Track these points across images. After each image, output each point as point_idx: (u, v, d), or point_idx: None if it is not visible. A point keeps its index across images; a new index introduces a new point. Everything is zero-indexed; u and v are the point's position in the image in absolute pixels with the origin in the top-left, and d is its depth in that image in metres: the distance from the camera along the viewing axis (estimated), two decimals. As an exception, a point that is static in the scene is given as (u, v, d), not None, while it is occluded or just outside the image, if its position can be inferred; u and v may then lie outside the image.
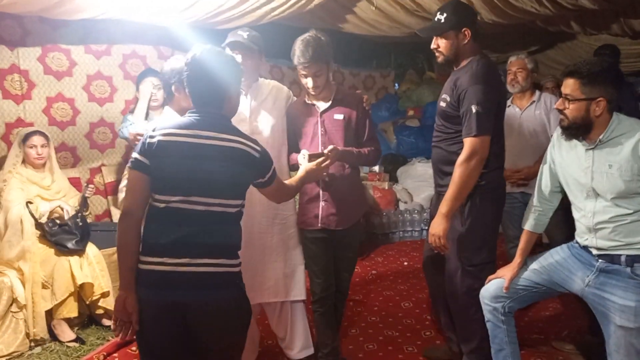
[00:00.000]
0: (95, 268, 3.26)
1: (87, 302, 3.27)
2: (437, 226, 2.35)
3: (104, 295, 3.28)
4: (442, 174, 2.51)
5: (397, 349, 3.06)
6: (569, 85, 1.95)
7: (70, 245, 3.18)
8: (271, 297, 2.64)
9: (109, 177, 4.17)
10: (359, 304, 3.75)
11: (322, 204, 2.58)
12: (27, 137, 3.24)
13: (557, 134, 2.17)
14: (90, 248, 3.32)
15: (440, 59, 2.43)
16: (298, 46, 2.42)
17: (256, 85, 2.59)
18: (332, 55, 2.51)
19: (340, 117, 2.54)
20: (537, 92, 3.40)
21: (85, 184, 3.44)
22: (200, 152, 1.74)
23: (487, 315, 2.26)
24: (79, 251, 3.24)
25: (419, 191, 5.69)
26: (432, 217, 2.57)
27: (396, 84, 7.25)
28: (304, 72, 2.46)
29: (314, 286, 2.66)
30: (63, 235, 3.20)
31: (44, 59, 3.79)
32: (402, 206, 5.60)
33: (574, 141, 2.05)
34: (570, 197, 2.13)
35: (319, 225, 2.58)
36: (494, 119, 2.32)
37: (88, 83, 4.04)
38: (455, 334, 2.65)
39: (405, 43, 6.12)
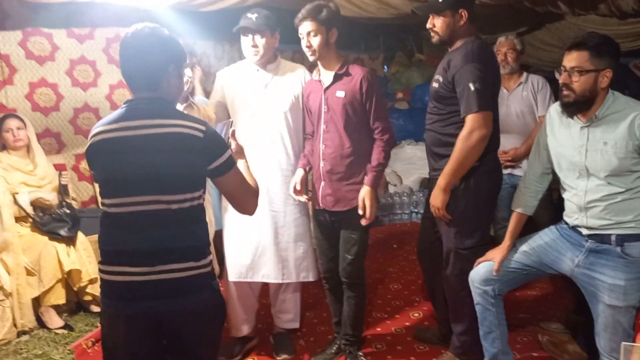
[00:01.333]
0: (82, 254, 3.24)
1: (75, 289, 3.26)
2: (436, 198, 2.38)
3: (92, 281, 3.26)
4: (436, 157, 2.48)
5: (386, 330, 3.08)
6: (577, 58, 1.93)
7: (63, 232, 3.17)
8: (279, 277, 2.71)
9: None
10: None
11: (322, 183, 2.60)
12: (1, 122, 3.22)
13: (550, 114, 2.17)
14: (77, 234, 3.29)
15: (434, 39, 2.40)
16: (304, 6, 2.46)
17: (273, 64, 2.64)
18: (336, 23, 2.50)
19: (341, 94, 2.50)
20: (525, 74, 3.39)
21: (59, 172, 3.40)
22: (132, 145, 1.54)
23: (477, 299, 2.26)
24: (72, 238, 3.22)
25: (408, 174, 5.70)
26: (428, 201, 2.56)
27: (385, 67, 7.21)
28: (300, 31, 2.48)
29: (319, 265, 2.79)
30: (55, 223, 3.19)
31: (26, 44, 3.72)
32: (391, 189, 5.61)
33: (568, 120, 2.05)
34: (561, 177, 2.12)
35: (321, 205, 2.62)
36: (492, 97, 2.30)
37: (71, 68, 3.98)
38: (448, 319, 2.66)
39: (394, 25, 6.06)
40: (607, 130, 1.93)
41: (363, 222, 2.51)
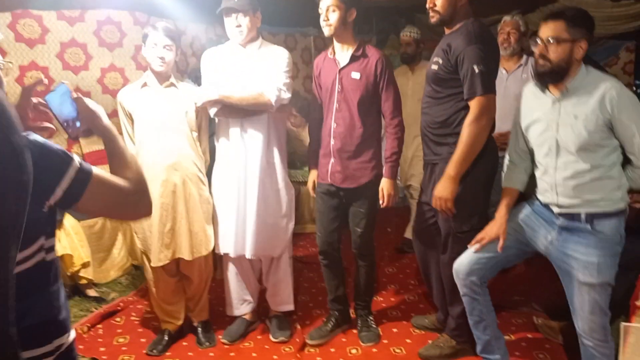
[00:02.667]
0: (73, 239, 3.22)
1: (69, 274, 3.24)
2: (445, 189, 2.32)
3: (85, 265, 3.25)
4: (434, 143, 2.47)
5: (381, 313, 3.10)
6: (554, 28, 1.93)
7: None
8: (258, 252, 2.75)
9: (87, 148, 4.08)
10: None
11: (332, 160, 2.65)
12: None
13: (526, 89, 2.17)
14: (67, 219, 3.26)
15: (434, 19, 2.36)
16: None
17: (255, 43, 2.65)
18: (356, 3, 2.54)
19: (357, 75, 2.56)
20: (525, 56, 3.37)
21: None
22: None
23: (463, 290, 2.26)
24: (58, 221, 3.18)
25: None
26: (426, 186, 2.56)
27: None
28: (320, 6, 2.52)
29: (317, 239, 2.85)
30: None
31: (15, 26, 3.65)
32: (384, 173, 5.60)
33: (541, 95, 2.05)
34: (534, 154, 2.12)
35: (328, 180, 2.68)
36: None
37: (62, 51, 3.91)
38: (445, 306, 2.68)
39: (387, 8, 6.01)
40: (578, 104, 1.93)
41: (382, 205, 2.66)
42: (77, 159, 1.09)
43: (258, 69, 2.61)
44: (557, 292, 2.86)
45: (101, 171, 1.16)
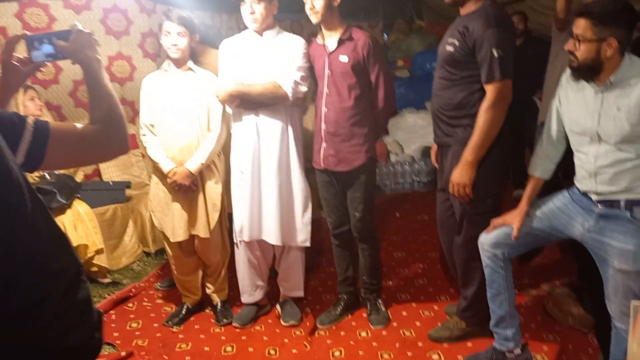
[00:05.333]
0: (88, 225, 3.25)
1: (82, 261, 3.27)
2: (463, 175, 2.32)
3: (98, 252, 3.28)
4: (447, 125, 2.44)
5: (390, 297, 3.12)
6: (580, 26, 1.89)
7: (54, 204, 3.14)
8: (277, 240, 2.75)
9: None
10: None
11: (323, 144, 2.67)
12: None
13: (565, 75, 2.14)
14: (81, 206, 3.30)
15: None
16: None
17: (271, 31, 2.66)
18: None
19: (345, 59, 2.57)
20: None
21: None
22: None
23: (486, 261, 2.27)
24: (65, 205, 3.20)
25: (410, 143, 5.69)
26: (441, 171, 2.56)
27: (385, 35, 7.12)
28: None
29: (328, 223, 2.90)
30: (44, 197, 3.17)
31: (22, 15, 3.66)
32: (392, 158, 5.61)
33: (583, 84, 2.02)
34: (572, 142, 2.10)
35: (322, 164, 2.70)
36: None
37: (69, 39, 3.92)
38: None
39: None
40: (622, 96, 1.90)
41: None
42: (30, 119, 1.08)
43: (275, 59, 2.62)
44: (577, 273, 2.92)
45: (58, 123, 1.13)
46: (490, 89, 2.24)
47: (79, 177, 3.55)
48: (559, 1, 3.11)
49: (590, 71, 1.92)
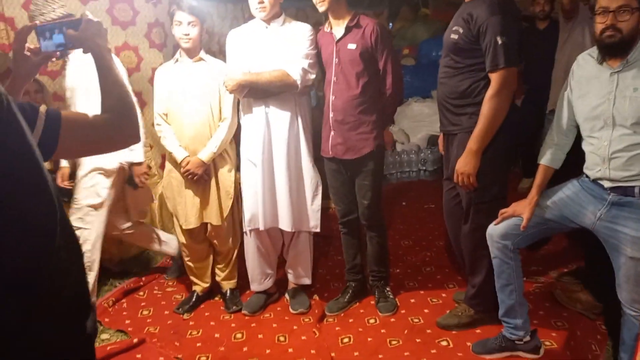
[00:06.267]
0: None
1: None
2: (467, 164, 2.32)
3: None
4: (452, 114, 2.45)
5: (398, 284, 3.13)
6: None
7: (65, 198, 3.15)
8: (290, 226, 2.78)
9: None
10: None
11: (332, 133, 2.67)
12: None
13: (577, 62, 2.13)
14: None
15: None
16: None
17: (278, 20, 2.66)
18: None
19: (353, 46, 2.57)
20: None
21: None
22: None
23: (495, 252, 2.27)
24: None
25: (416, 131, 5.67)
26: (447, 159, 2.56)
27: (390, 23, 7.08)
28: None
29: (337, 212, 2.93)
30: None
31: (29, 5, 3.65)
32: (398, 147, 5.60)
33: (595, 68, 2.01)
34: (584, 129, 2.08)
35: (330, 153, 2.71)
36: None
37: (75, 30, 3.92)
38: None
39: (399, -21, 5.93)
40: (638, 76, 1.89)
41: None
42: (42, 108, 1.09)
43: (282, 47, 2.62)
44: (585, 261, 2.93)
45: (70, 112, 1.15)
46: (494, 77, 2.24)
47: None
48: None
49: (628, 44, 1.90)
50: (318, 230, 2.86)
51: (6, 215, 0.79)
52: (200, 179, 2.74)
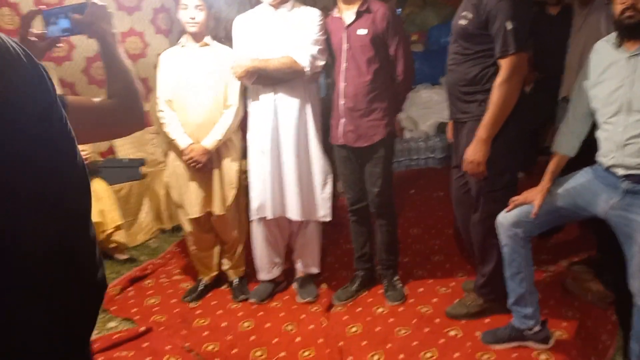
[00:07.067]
0: (105, 202, 3.28)
1: (100, 238, 3.31)
2: (477, 152, 2.28)
3: (118, 228, 3.31)
4: (461, 101, 2.40)
5: (407, 273, 3.11)
6: None
7: None
8: (299, 215, 2.76)
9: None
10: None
11: (342, 120, 2.64)
12: None
13: (594, 50, 2.08)
14: (99, 184, 3.31)
15: None
16: None
17: (286, 5, 2.62)
18: None
19: (364, 32, 2.52)
20: None
21: None
22: None
23: (505, 240, 2.23)
24: None
25: (425, 119, 5.61)
26: (456, 147, 2.52)
27: (399, 9, 6.99)
28: None
29: (346, 199, 2.90)
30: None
31: (34, -9, 3.63)
32: (407, 134, 5.55)
33: (613, 52, 1.97)
34: (599, 114, 2.04)
35: (341, 140, 2.68)
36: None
37: (81, 16, 3.89)
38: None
39: (408, -37, 5.84)
40: None
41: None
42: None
43: (290, 33, 2.58)
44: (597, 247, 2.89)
45: (75, 97, 1.16)
46: (504, 63, 2.19)
47: (95, 156, 3.56)
48: None
49: None
50: (328, 219, 2.84)
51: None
52: (203, 167, 2.70)
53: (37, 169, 0.78)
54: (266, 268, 2.94)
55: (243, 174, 2.91)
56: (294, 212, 2.74)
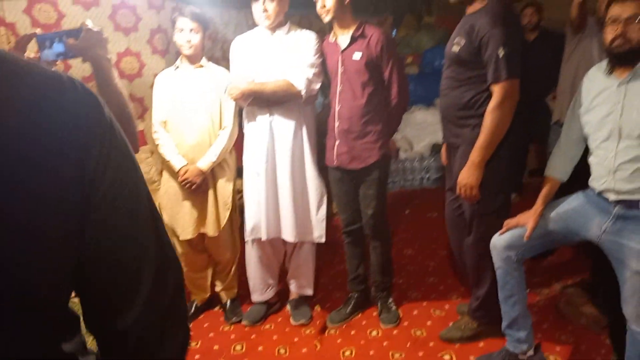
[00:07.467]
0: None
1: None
2: (470, 176, 2.30)
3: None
4: (454, 126, 2.42)
5: (401, 295, 3.10)
6: (636, 6, 1.86)
7: None
8: (294, 237, 2.75)
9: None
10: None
11: (337, 142, 2.66)
12: None
13: (587, 76, 2.11)
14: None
15: None
16: None
17: (283, 28, 2.63)
18: None
19: (358, 56, 2.55)
20: None
21: None
22: None
23: (499, 263, 2.24)
24: None
25: (419, 139, 5.64)
26: (450, 170, 2.53)
27: (394, 30, 7.06)
28: None
29: (341, 221, 2.90)
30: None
31: (31, 11, 3.64)
32: (402, 155, 5.57)
33: (604, 79, 2.00)
34: (591, 140, 2.06)
35: (335, 162, 2.69)
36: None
37: (78, 36, 3.91)
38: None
39: (403, -13, 5.92)
40: None
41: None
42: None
43: (287, 56, 2.60)
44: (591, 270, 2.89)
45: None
46: (496, 89, 2.22)
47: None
48: (573, 6, 3.03)
49: (637, 55, 1.89)
50: (323, 240, 2.83)
51: None
52: (198, 189, 2.70)
53: None
54: (259, 289, 2.92)
55: (238, 194, 2.91)
56: (288, 234, 2.73)
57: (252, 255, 2.87)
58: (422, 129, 5.65)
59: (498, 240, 2.24)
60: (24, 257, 0.59)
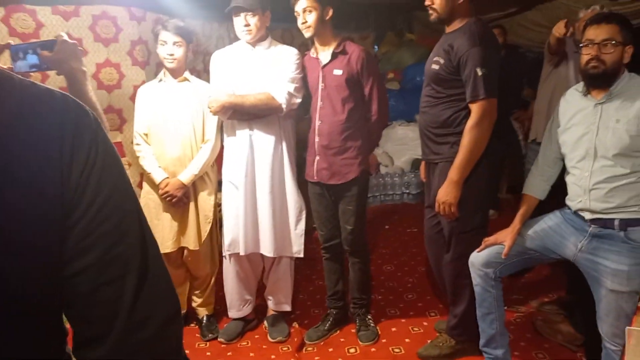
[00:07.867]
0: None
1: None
2: (448, 194, 2.31)
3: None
4: (433, 143, 2.44)
5: (380, 311, 3.08)
6: (609, 30, 1.92)
7: None
8: (272, 252, 2.72)
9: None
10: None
11: (317, 157, 2.65)
12: None
13: (564, 97, 2.15)
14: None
15: (432, 16, 2.33)
16: None
17: (264, 43, 2.63)
18: (331, 1, 2.53)
19: (339, 72, 2.56)
20: None
21: None
22: None
23: (477, 280, 2.25)
24: None
25: (400, 154, 5.67)
26: (429, 187, 2.54)
27: (375, 47, 7.12)
28: (296, 8, 2.51)
29: (319, 236, 2.89)
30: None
31: (8, 20, 3.59)
32: (382, 170, 5.59)
33: (581, 99, 2.04)
34: (567, 159, 2.10)
35: (315, 177, 2.69)
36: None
37: (57, 46, 3.86)
38: None
39: (385, 4, 5.98)
40: (621, 108, 1.92)
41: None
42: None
43: (267, 70, 2.59)
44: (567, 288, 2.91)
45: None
46: (474, 107, 2.24)
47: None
48: (552, 37, 3.08)
49: (611, 77, 1.95)
50: (301, 255, 2.81)
51: None
52: (179, 202, 2.66)
53: None
54: (237, 305, 2.88)
55: (218, 207, 2.88)
56: (267, 249, 2.71)
57: (229, 270, 2.83)
58: (402, 144, 5.69)
59: (476, 258, 2.25)
60: (10, 265, 0.59)
